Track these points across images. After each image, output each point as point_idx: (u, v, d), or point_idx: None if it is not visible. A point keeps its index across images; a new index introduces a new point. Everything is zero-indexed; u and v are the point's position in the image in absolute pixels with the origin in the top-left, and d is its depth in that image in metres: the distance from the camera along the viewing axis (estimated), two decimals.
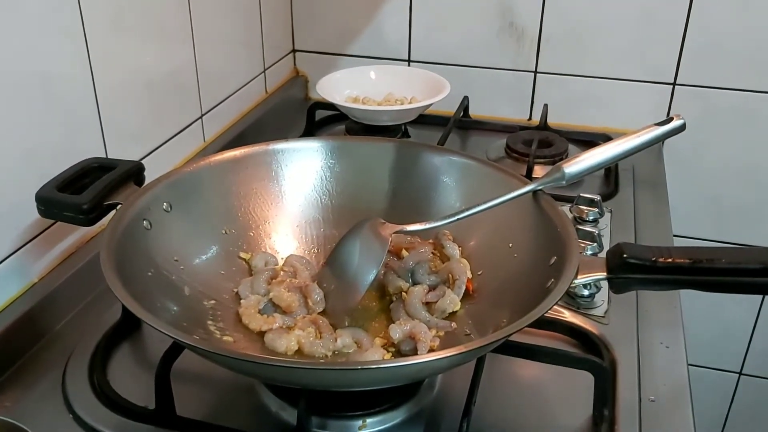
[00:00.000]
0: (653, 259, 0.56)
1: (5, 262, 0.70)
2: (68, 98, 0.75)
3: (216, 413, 0.63)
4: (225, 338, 0.64)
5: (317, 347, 0.62)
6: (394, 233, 0.68)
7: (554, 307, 0.54)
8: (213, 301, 0.68)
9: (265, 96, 1.22)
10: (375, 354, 0.61)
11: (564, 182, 0.69)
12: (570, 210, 0.90)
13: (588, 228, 0.83)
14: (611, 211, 0.94)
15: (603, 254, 0.66)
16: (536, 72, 1.21)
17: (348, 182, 0.78)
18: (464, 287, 0.68)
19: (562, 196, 0.87)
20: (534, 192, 0.68)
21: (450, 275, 0.69)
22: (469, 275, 0.70)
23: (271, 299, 0.68)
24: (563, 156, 1.07)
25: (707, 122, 1.16)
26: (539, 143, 1.08)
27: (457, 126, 1.18)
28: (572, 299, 0.76)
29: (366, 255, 0.67)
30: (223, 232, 0.73)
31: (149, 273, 0.63)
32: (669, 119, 0.70)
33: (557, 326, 0.72)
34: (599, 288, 0.77)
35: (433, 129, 1.16)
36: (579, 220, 0.89)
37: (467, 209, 0.68)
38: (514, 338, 0.54)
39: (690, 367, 0.70)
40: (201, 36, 0.97)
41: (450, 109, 1.18)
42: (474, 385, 0.61)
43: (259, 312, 0.67)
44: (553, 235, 0.63)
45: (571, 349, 0.70)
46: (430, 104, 1.09)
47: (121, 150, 0.83)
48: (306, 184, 0.78)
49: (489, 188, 0.70)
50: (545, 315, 0.53)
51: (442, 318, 0.67)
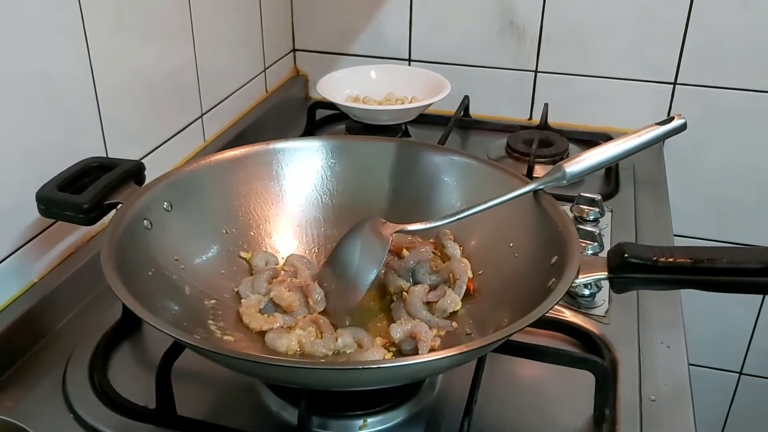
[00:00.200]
0: (654, 259, 0.56)
1: (5, 262, 0.70)
2: (68, 98, 0.75)
3: (217, 413, 0.63)
4: (226, 338, 0.64)
5: (318, 347, 0.62)
6: (395, 233, 0.69)
7: (555, 307, 0.54)
8: (214, 301, 0.68)
9: (266, 95, 1.22)
10: (376, 354, 0.61)
11: (565, 182, 0.69)
12: (570, 209, 0.90)
13: (588, 227, 0.83)
14: (612, 211, 0.94)
15: (604, 254, 0.66)
16: (537, 71, 1.21)
17: (349, 182, 0.78)
18: (465, 287, 0.68)
19: (563, 196, 0.86)
20: (535, 191, 0.68)
21: (451, 275, 0.69)
22: (470, 275, 0.70)
23: (272, 299, 0.68)
24: (564, 155, 1.07)
25: (708, 122, 1.16)
26: (540, 143, 1.08)
27: (458, 125, 1.18)
28: (573, 299, 0.75)
29: (367, 254, 0.67)
30: (224, 232, 0.73)
31: (150, 272, 0.63)
32: (670, 119, 0.70)
33: (558, 326, 0.72)
34: (600, 288, 0.77)
35: (434, 128, 1.16)
36: (579, 220, 0.89)
37: (468, 209, 0.68)
38: (515, 338, 0.54)
39: (690, 367, 0.70)
40: (201, 35, 0.97)
41: (450, 109, 1.18)
42: (475, 385, 0.61)
43: (260, 311, 0.67)
44: (554, 235, 0.63)
45: (572, 349, 0.70)
46: (431, 104, 1.09)
47: (122, 149, 0.83)
48: (306, 184, 0.78)
49: (490, 188, 0.70)
50: (546, 314, 0.53)
51: (443, 318, 0.67)
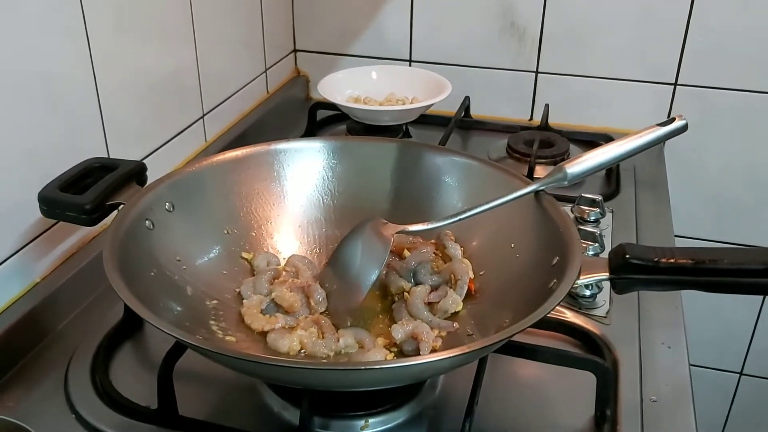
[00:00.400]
0: (655, 260, 0.56)
1: (7, 262, 0.70)
2: (70, 98, 0.75)
3: (218, 413, 0.63)
4: (227, 338, 0.64)
5: (319, 347, 0.62)
6: (396, 233, 0.69)
7: (556, 308, 0.54)
8: (215, 301, 0.68)
9: (267, 96, 1.22)
10: (377, 354, 0.61)
11: (566, 182, 0.69)
12: (571, 210, 0.90)
13: (589, 228, 0.83)
14: (612, 212, 0.94)
15: (605, 254, 0.66)
16: (537, 72, 1.21)
17: (350, 182, 0.78)
18: (466, 287, 0.68)
19: (564, 197, 0.86)
20: (536, 192, 0.68)
21: (452, 275, 0.69)
22: (472, 275, 0.70)
23: (274, 299, 0.68)
24: (565, 156, 1.07)
25: (708, 122, 1.16)
26: (540, 143, 1.08)
27: (459, 126, 1.18)
28: (574, 299, 0.76)
29: (368, 255, 0.67)
30: (226, 232, 0.73)
31: (152, 273, 0.63)
32: (671, 120, 0.70)
33: (559, 326, 0.72)
34: (601, 288, 0.77)
35: (435, 129, 1.16)
36: (580, 221, 0.89)
37: (469, 209, 0.68)
38: (516, 338, 0.54)
39: (691, 367, 0.70)
40: (202, 36, 0.97)
41: (451, 109, 1.18)
42: (476, 386, 0.61)
43: (262, 312, 0.67)
44: (556, 236, 0.63)
45: (573, 350, 0.71)
46: (432, 104, 1.09)
47: (123, 150, 0.83)
48: (308, 184, 0.78)
49: (491, 188, 0.70)
50: (547, 315, 0.53)
51: (445, 318, 0.67)
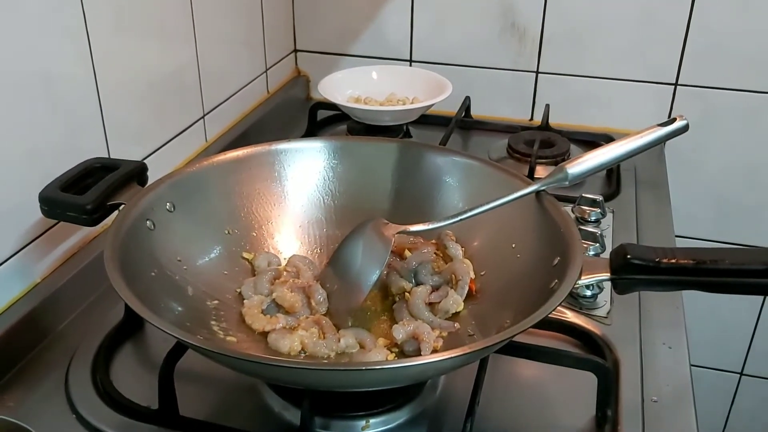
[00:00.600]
0: (657, 260, 0.56)
1: (8, 262, 0.70)
2: (71, 98, 0.75)
3: (219, 413, 0.63)
4: (228, 338, 0.64)
5: (320, 347, 0.62)
6: (397, 233, 0.69)
7: (557, 308, 0.54)
8: (216, 302, 0.68)
9: (267, 96, 1.22)
10: (378, 354, 0.61)
11: (567, 183, 0.69)
12: (572, 210, 0.90)
13: (590, 228, 0.83)
14: (613, 212, 0.94)
15: (605, 255, 0.66)
16: (538, 72, 1.21)
17: (351, 182, 0.78)
18: (467, 288, 0.68)
19: (564, 197, 0.86)
20: (537, 192, 0.68)
21: (453, 276, 0.69)
22: (472, 276, 0.70)
23: (274, 299, 0.68)
24: (565, 156, 1.07)
25: (709, 122, 1.16)
26: (541, 143, 1.08)
27: (459, 126, 1.18)
28: (575, 300, 0.76)
29: (369, 255, 0.67)
30: (226, 233, 0.73)
31: (152, 273, 0.63)
32: (672, 120, 0.70)
33: (560, 327, 0.72)
34: (602, 288, 0.77)
35: (435, 129, 1.16)
36: (581, 221, 0.89)
37: (470, 210, 0.68)
38: (517, 339, 0.54)
39: (691, 368, 0.70)
40: (203, 36, 0.97)
41: (452, 110, 1.18)
42: (477, 386, 0.61)
43: (262, 312, 0.67)
44: (557, 236, 0.63)
45: (574, 350, 0.70)
46: (432, 104, 1.09)
47: (124, 150, 0.83)
48: (309, 185, 0.78)
49: (492, 189, 0.70)
50: (548, 315, 0.53)
51: (446, 318, 0.67)
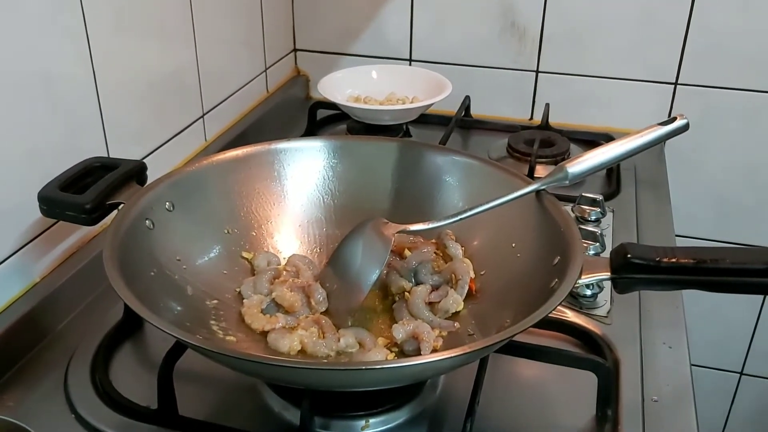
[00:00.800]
0: (657, 260, 0.56)
1: (7, 262, 0.70)
2: (70, 98, 0.75)
3: (219, 413, 0.63)
4: (228, 338, 0.64)
5: (320, 347, 0.62)
6: (397, 233, 0.68)
7: (557, 307, 0.54)
8: (216, 301, 0.68)
9: (267, 95, 1.22)
10: (378, 354, 0.61)
11: (567, 182, 0.69)
12: (572, 210, 0.90)
13: (590, 228, 0.83)
14: (613, 211, 0.94)
15: (605, 254, 0.66)
16: (538, 71, 1.21)
17: (350, 182, 0.78)
18: (467, 287, 0.68)
19: (564, 196, 0.86)
20: (537, 192, 0.68)
21: (453, 275, 0.69)
22: (472, 275, 0.70)
23: (274, 299, 0.68)
24: (565, 156, 1.06)
25: (709, 122, 1.16)
26: (541, 143, 1.08)
27: (459, 125, 1.18)
28: (575, 299, 0.75)
29: (369, 255, 0.67)
30: (226, 232, 0.73)
31: (152, 273, 0.63)
32: (672, 119, 0.70)
33: (560, 326, 0.72)
34: (602, 288, 0.77)
35: (435, 128, 1.16)
36: (581, 220, 0.89)
37: (470, 209, 0.68)
38: (517, 338, 0.54)
39: (691, 367, 0.70)
40: (202, 36, 0.97)
41: (451, 109, 1.18)
42: (477, 386, 0.61)
43: (262, 312, 0.67)
44: (557, 235, 0.63)
45: (574, 349, 0.70)
46: (432, 104, 1.09)
47: (123, 149, 0.83)
48: (308, 184, 0.78)
49: (492, 188, 0.70)
50: (548, 315, 0.53)
51: (445, 318, 0.67)
